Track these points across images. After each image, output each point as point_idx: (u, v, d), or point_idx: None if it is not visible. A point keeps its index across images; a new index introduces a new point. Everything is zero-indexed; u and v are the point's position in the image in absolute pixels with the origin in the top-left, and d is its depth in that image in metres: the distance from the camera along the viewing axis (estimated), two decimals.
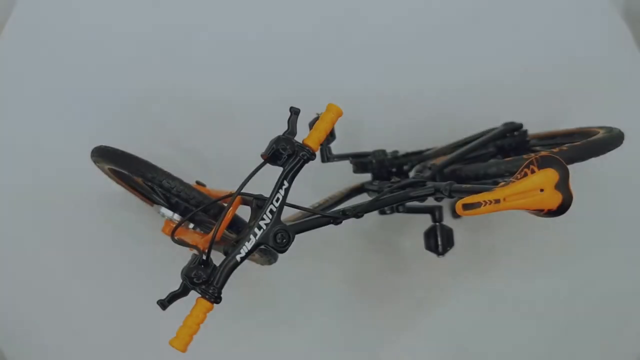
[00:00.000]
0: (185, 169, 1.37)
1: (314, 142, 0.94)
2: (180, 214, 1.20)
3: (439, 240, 1.26)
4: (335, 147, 1.34)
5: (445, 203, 1.39)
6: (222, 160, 1.47)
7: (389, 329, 1.52)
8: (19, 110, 1.47)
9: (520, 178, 0.89)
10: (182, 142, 1.48)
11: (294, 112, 0.95)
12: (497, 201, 0.89)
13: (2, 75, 1.48)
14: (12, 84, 1.47)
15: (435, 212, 1.27)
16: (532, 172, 0.89)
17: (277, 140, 0.93)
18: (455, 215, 1.52)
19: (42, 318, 1.45)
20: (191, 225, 1.23)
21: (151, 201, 1.29)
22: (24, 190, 1.45)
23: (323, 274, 1.51)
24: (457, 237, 1.41)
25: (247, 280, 1.48)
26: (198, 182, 1.25)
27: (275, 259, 1.20)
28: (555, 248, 1.56)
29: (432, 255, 1.28)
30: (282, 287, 1.50)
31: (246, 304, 1.48)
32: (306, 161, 0.94)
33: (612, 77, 1.59)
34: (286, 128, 0.94)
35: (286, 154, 0.92)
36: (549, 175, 0.88)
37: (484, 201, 0.89)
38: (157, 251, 1.43)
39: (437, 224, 1.27)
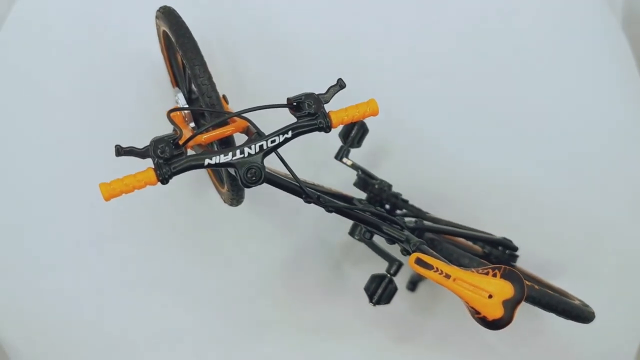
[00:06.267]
0: (222, 83, 1.38)
1: (336, 118, 0.94)
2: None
3: (379, 290, 1.23)
4: (353, 156, 1.36)
5: (406, 266, 1.39)
6: (258, 97, 1.47)
7: (283, 335, 1.52)
8: None
9: (481, 273, 0.88)
10: (239, 60, 1.49)
11: (339, 85, 0.96)
12: (448, 276, 0.88)
13: None
14: None
15: (393, 265, 1.25)
16: (494, 276, 0.88)
17: (309, 95, 0.93)
18: (410, 286, 1.50)
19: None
20: (192, 124, 1.24)
21: (176, 83, 1.30)
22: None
23: (269, 255, 1.53)
24: (402, 305, 1.44)
25: (202, 215, 1.51)
26: (224, 96, 1.26)
27: (238, 201, 1.20)
28: None
29: (366, 298, 1.27)
30: (228, 238, 1.52)
31: (187, 230, 1.51)
32: (319, 129, 0.94)
33: None
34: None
35: (308, 111, 0.93)
36: (505, 288, 0.87)
37: (437, 268, 0.89)
38: (157, 130, 1.43)
39: (388, 275, 1.25)
